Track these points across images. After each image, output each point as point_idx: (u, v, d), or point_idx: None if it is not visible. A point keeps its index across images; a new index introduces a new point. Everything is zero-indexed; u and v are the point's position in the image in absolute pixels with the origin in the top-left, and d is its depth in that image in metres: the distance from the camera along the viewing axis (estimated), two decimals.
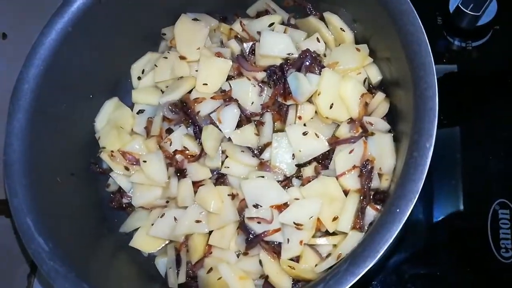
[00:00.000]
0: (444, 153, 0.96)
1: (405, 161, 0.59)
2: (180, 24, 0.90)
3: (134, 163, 0.87)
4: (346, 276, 0.55)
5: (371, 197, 0.75)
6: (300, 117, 0.81)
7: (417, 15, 0.62)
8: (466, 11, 0.95)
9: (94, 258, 0.79)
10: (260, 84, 0.85)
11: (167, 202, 0.85)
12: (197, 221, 0.80)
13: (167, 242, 0.85)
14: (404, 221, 0.55)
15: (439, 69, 1.02)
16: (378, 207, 0.73)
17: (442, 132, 0.96)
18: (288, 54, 0.83)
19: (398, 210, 0.55)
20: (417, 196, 0.55)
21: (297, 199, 0.77)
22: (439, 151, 0.93)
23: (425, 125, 0.57)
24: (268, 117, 0.84)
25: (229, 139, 0.83)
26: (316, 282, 0.59)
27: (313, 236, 0.76)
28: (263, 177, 0.79)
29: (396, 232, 0.55)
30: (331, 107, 0.79)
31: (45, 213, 0.72)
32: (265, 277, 0.76)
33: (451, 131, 0.98)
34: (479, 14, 0.96)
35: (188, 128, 0.87)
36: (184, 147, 0.85)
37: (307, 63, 0.81)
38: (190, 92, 0.87)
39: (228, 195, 0.80)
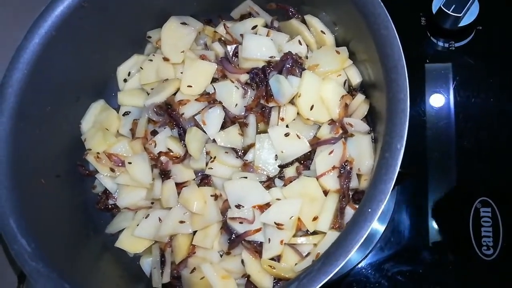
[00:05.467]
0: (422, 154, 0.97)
1: (377, 162, 0.60)
2: (168, 26, 0.91)
3: (120, 164, 0.88)
4: (318, 275, 0.56)
5: (351, 197, 0.76)
6: (282, 119, 0.82)
7: (390, 19, 0.64)
8: (449, 12, 0.96)
9: (79, 259, 0.80)
10: (243, 86, 0.86)
11: (152, 203, 0.87)
12: (181, 222, 0.81)
13: (152, 242, 0.86)
14: (374, 221, 0.56)
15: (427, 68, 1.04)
16: (357, 206, 0.74)
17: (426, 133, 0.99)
18: (270, 57, 0.84)
19: (369, 210, 0.56)
20: (388, 196, 0.56)
21: (279, 199, 0.78)
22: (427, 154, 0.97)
23: (396, 127, 0.58)
24: (251, 119, 0.85)
25: (214, 141, 0.85)
26: (290, 281, 0.60)
27: (295, 236, 0.77)
28: (246, 177, 0.81)
29: (367, 232, 0.56)
30: (311, 108, 0.80)
31: (29, 215, 0.72)
32: (247, 276, 0.77)
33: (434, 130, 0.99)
34: (461, 15, 0.97)
35: (173, 130, 0.88)
36: (169, 148, 0.86)
37: (288, 66, 0.82)
38: (175, 94, 0.88)
39: (211, 195, 0.81)
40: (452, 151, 0.96)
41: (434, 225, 0.93)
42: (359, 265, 0.93)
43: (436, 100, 0.99)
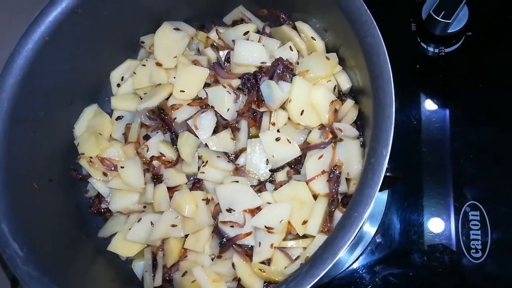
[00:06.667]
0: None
1: (363, 167, 0.61)
2: (161, 31, 0.92)
3: (112, 169, 0.89)
4: (306, 278, 0.57)
5: (340, 201, 0.77)
6: (273, 124, 0.83)
7: (376, 26, 0.65)
8: (438, 18, 0.98)
9: (72, 263, 0.81)
10: (235, 91, 0.87)
11: (145, 207, 0.87)
12: (173, 226, 0.82)
13: (144, 246, 0.86)
14: (361, 224, 0.57)
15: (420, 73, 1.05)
16: None
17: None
18: (262, 62, 0.85)
19: (355, 214, 0.57)
20: (373, 200, 0.57)
21: (270, 203, 0.79)
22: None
23: (382, 132, 0.59)
24: (243, 124, 0.86)
25: (206, 145, 0.86)
26: (278, 284, 0.61)
27: (285, 239, 0.78)
28: (237, 182, 0.82)
29: (354, 235, 0.57)
30: (302, 113, 0.81)
31: (21, 219, 0.73)
32: (238, 280, 0.78)
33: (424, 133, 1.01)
34: (450, 21, 0.98)
35: (165, 135, 0.89)
36: (161, 153, 0.87)
37: (279, 71, 0.83)
38: (167, 99, 0.89)
39: (203, 199, 0.82)
40: (441, 155, 0.98)
41: (424, 228, 0.94)
42: (351, 267, 0.94)
43: (429, 105, 1.01)
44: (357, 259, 0.94)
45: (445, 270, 0.91)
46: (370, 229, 0.96)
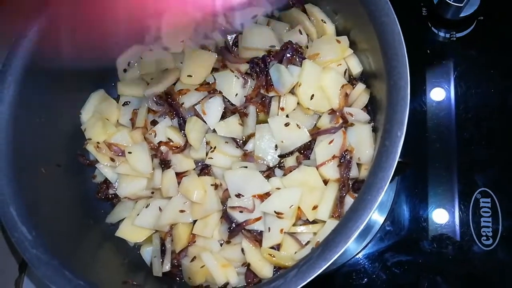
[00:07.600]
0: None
1: (377, 149, 0.60)
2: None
3: (120, 154, 0.88)
4: (318, 261, 0.56)
5: (351, 186, 0.76)
6: (282, 109, 0.82)
7: (391, 6, 0.63)
8: (450, 2, 0.96)
9: (80, 248, 0.81)
10: (244, 76, 0.86)
11: (152, 192, 0.87)
12: (181, 211, 0.82)
13: (152, 231, 0.86)
14: (375, 208, 0.56)
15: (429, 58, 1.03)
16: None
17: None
18: (270, 46, 0.84)
19: (369, 197, 0.56)
20: (387, 183, 0.56)
21: (279, 188, 0.78)
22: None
23: (397, 114, 0.58)
24: (252, 109, 0.85)
25: (214, 131, 0.85)
26: (290, 268, 0.60)
27: (294, 224, 0.77)
28: (246, 167, 0.81)
29: (368, 219, 0.56)
30: (311, 98, 0.80)
31: (29, 203, 0.73)
32: (247, 265, 0.78)
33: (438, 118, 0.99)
34: (462, 5, 0.96)
35: (173, 120, 0.88)
36: (169, 138, 0.86)
37: (289, 55, 0.82)
38: (175, 84, 0.88)
39: (211, 185, 0.81)
40: (453, 142, 0.96)
41: (433, 215, 0.93)
42: (358, 256, 0.94)
43: (439, 91, 0.99)
44: (365, 246, 0.94)
45: (455, 257, 0.91)
46: (378, 218, 0.95)
